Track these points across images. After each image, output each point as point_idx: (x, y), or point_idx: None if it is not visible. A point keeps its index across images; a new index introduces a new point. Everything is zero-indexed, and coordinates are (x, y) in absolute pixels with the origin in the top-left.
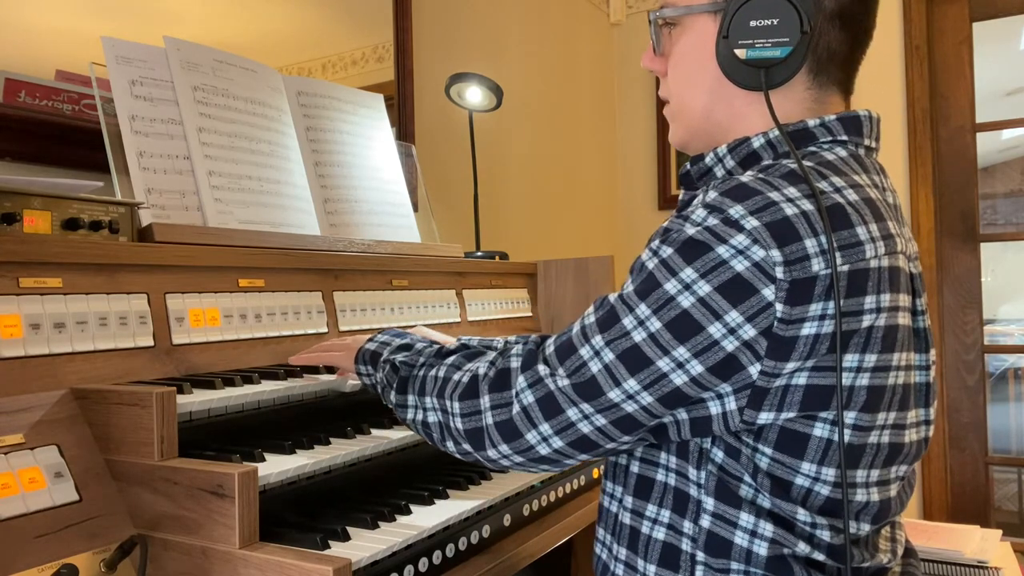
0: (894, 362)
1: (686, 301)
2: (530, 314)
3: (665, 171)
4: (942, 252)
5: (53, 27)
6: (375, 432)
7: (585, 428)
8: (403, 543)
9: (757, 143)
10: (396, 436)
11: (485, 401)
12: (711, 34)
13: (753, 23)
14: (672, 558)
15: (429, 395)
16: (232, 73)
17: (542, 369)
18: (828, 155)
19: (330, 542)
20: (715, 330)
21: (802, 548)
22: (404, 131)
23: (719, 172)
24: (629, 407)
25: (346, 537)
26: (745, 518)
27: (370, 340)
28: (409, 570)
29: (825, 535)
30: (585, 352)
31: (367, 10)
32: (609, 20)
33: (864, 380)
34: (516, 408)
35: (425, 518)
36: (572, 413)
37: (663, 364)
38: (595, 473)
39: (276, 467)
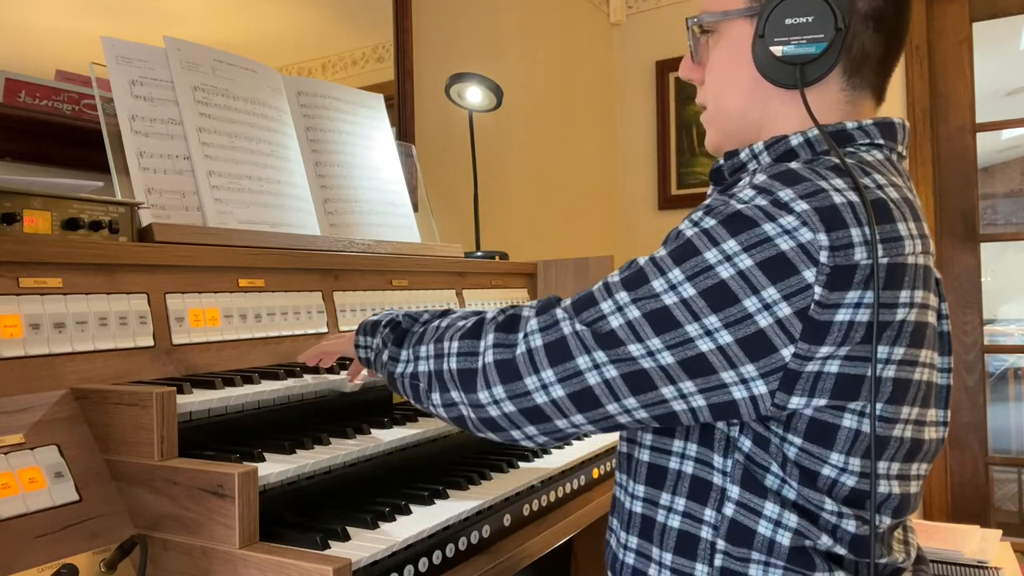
0: (920, 358)
1: (725, 272)
2: None
3: (665, 171)
4: (942, 252)
5: (53, 27)
6: (375, 432)
7: (592, 379)
8: (403, 543)
9: (795, 141)
10: (396, 436)
11: (488, 340)
12: (747, 36)
13: (789, 21)
14: (689, 546)
15: (425, 344)
16: (232, 73)
17: (559, 313)
18: (867, 156)
19: (330, 542)
20: (750, 304)
21: (824, 541)
22: (404, 131)
23: (752, 167)
24: (647, 363)
25: (346, 537)
26: (770, 508)
27: (373, 314)
28: (409, 570)
29: (850, 526)
30: (606, 306)
31: (367, 10)
32: (609, 20)
33: (891, 372)
34: (521, 348)
35: (425, 518)
36: (582, 361)
37: (691, 329)
38: (595, 473)
39: (276, 467)
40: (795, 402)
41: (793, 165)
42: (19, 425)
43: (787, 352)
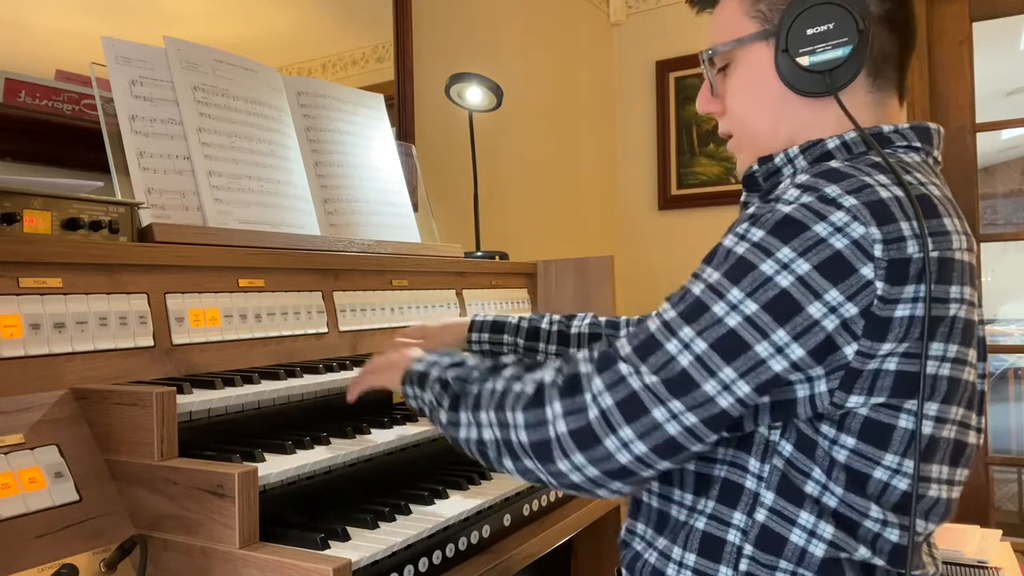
0: (968, 357)
1: (784, 280)
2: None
3: (665, 171)
4: None
5: (53, 27)
6: (375, 432)
7: (672, 429)
8: (403, 543)
9: (832, 144)
10: (396, 436)
11: (556, 408)
12: (767, 57)
13: (810, 31)
14: (715, 548)
15: (485, 410)
16: (232, 73)
17: (624, 368)
18: (906, 158)
19: (330, 542)
20: (815, 310)
21: (862, 553)
22: (404, 131)
23: (787, 171)
24: (724, 400)
25: (346, 537)
26: (805, 517)
27: (417, 361)
28: (409, 570)
29: (893, 535)
30: (672, 346)
31: (367, 10)
32: (609, 20)
33: (946, 370)
34: (594, 412)
35: (425, 518)
36: (659, 413)
37: (761, 349)
38: None
39: (276, 467)
40: (853, 400)
41: (834, 164)
42: (19, 425)
43: (850, 350)
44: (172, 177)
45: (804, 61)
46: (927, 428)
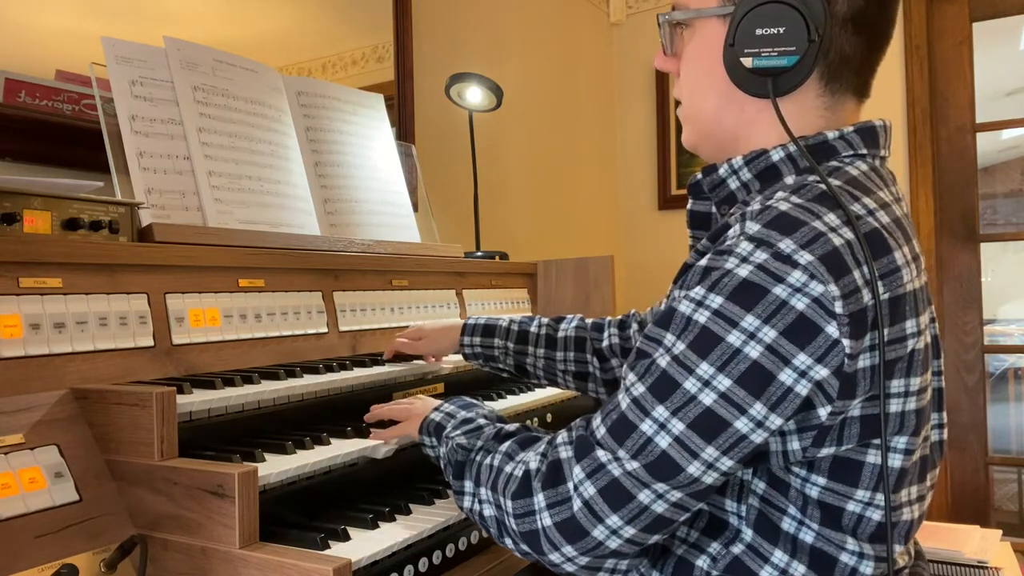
0: (928, 380)
1: (754, 351)
2: (530, 314)
3: (665, 171)
4: (942, 252)
5: (53, 27)
6: (375, 432)
7: (659, 508)
8: (403, 543)
9: (776, 156)
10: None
11: (540, 500)
12: (720, 38)
13: (759, 31)
14: (685, 573)
15: (484, 486)
16: (232, 73)
17: (601, 455)
18: (852, 170)
19: (330, 542)
20: (786, 377)
21: None
22: (404, 131)
23: (733, 184)
24: (709, 478)
25: (346, 537)
26: (778, 556)
27: (436, 410)
28: (409, 570)
29: (868, 568)
30: (648, 427)
31: (367, 10)
32: (609, 20)
33: (912, 404)
34: (577, 504)
35: (425, 518)
36: (644, 496)
37: (741, 425)
38: None
39: (276, 467)
40: (824, 452)
41: (783, 207)
42: (19, 425)
43: (823, 412)
44: (172, 177)
45: (747, 62)
46: (896, 462)
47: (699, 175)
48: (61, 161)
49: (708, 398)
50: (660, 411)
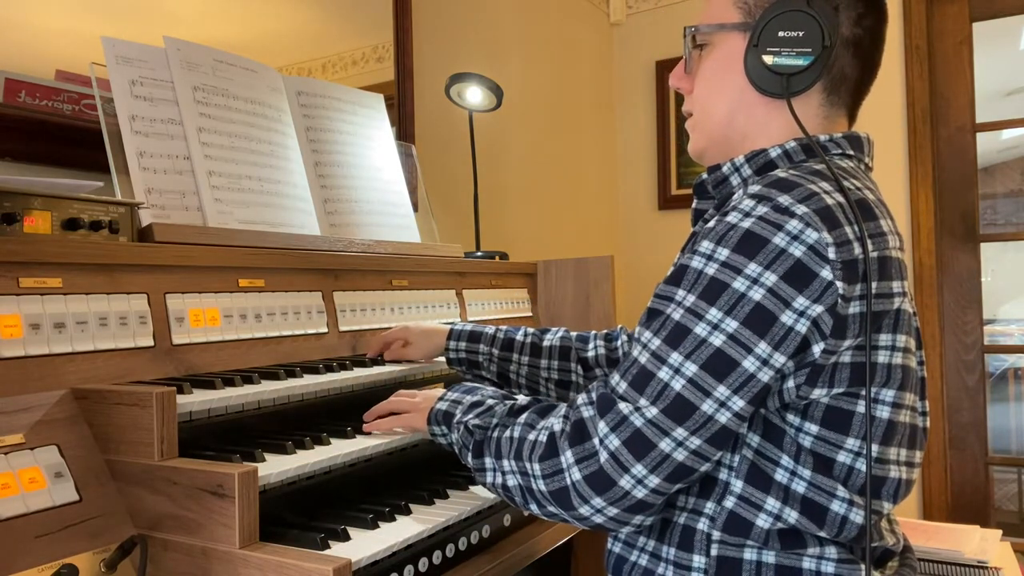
0: (912, 346)
1: (757, 294)
2: (530, 314)
3: (665, 171)
4: (942, 252)
5: (53, 27)
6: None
7: (680, 455)
8: (403, 543)
9: (773, 153)
10: (396, 436)
11: (568, 457)
12: (739, 48)
13: (782, 33)
14: (688, 538)
15: (506, 457)
16: (232, 73)
17: (624, 407)
18: (841, 163)
19: (330, 542)
20: (787, 317)
21: (824, 534)
22: (404, 131)
23: (735, 181)
24: (723, 417)
25: (346, 537)
26: (771, 503)
27: (440, 399)
28: (409, 570)
29: (858, 517)
30: (664, 373)
31: (367, 10)
32: (609, 20)
33: (898, 359)
34: (604, 456)
35: (425, 518)
36: (665, 444)
37: (748, 364)
38: None
39: (276, 467)
40: (816, 393)
41: (781, 173)
42: (19, 425)
43: (817, 348)
44: (172, 177)
45: (768, 60)
46: (884, 413)
47: (704, 175)
48: (61, 161)
49: (718, 339)
50: (675, 357)
